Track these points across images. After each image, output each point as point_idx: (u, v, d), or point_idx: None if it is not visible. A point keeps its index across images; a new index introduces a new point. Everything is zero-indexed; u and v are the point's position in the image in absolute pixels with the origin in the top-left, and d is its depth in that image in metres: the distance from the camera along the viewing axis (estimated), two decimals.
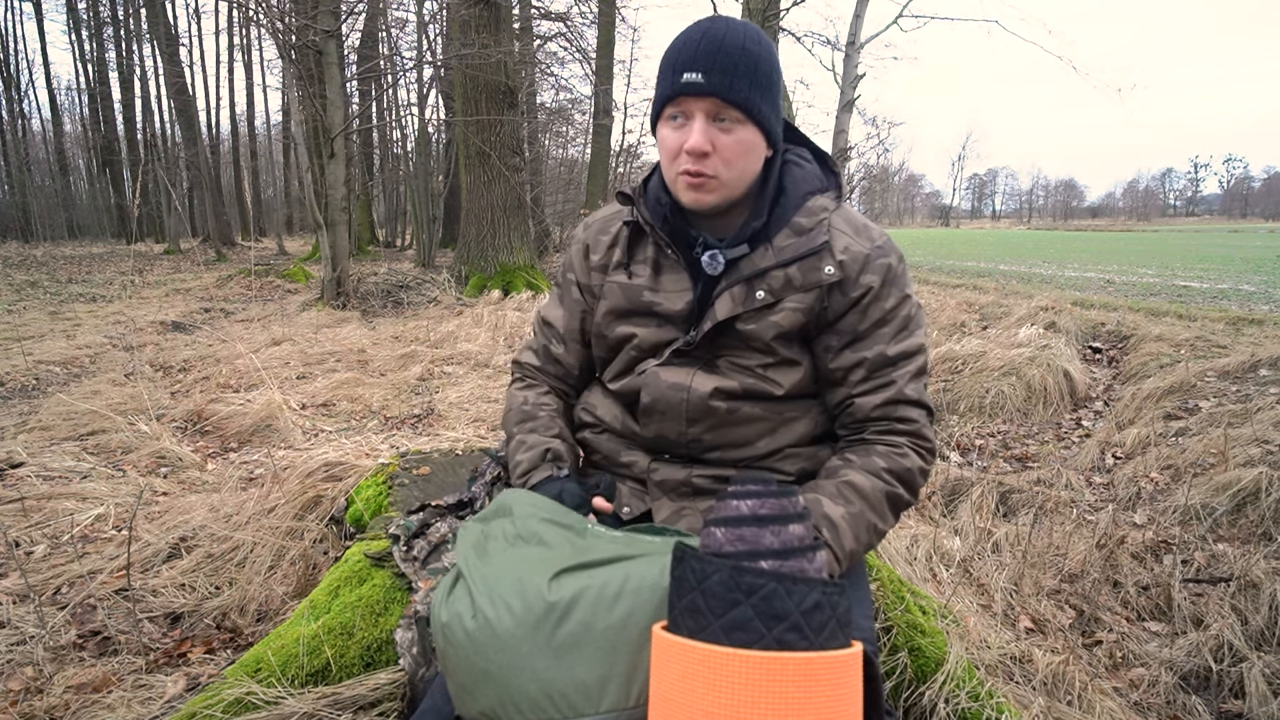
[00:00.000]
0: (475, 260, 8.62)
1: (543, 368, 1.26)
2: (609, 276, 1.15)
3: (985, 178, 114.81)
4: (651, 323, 1.11)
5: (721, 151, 0.98)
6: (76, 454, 3.00)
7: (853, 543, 0.97)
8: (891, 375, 1.05)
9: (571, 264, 1.22)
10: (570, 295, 1.22)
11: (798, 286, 1.04)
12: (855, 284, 1.04)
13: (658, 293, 1.10)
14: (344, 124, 8.14)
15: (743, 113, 0.97)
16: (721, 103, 0.96)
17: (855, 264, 1.04)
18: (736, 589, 0.64)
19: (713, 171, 0.99)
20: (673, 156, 1.01)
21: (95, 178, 25.74)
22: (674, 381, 1.08)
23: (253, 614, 1.81)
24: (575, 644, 0.74)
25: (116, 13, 21.58)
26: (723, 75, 0.95)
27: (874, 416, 1.05)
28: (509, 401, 1.26)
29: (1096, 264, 13.89)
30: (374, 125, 16.28)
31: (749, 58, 0.96)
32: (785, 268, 1.04)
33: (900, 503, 1.04)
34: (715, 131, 0.98)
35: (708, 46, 0.95)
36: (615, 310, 1.14)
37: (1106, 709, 1.55)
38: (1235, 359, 4.14)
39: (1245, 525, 2.53)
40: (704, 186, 1.00)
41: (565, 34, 12.94)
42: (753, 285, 1.04)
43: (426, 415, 3.87)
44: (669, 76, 0.98)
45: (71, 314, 7.35)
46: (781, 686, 0.60)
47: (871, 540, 1.00)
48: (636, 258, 1.14)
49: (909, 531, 2.36)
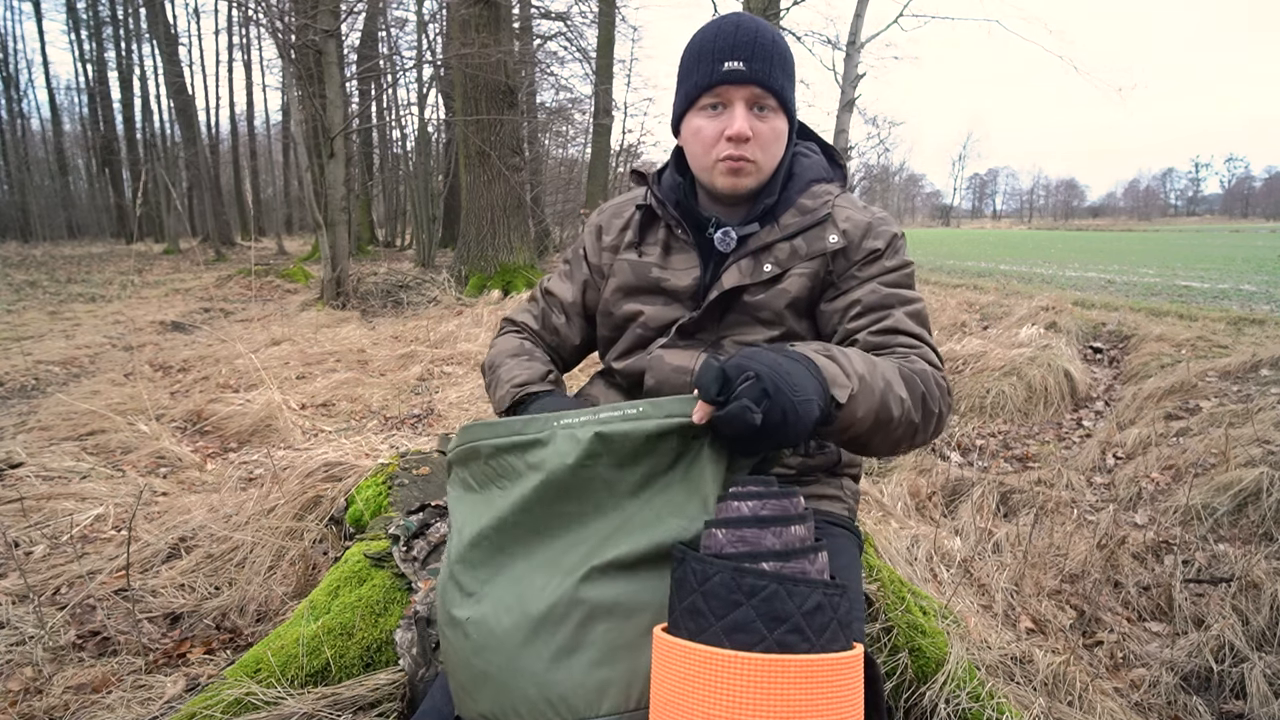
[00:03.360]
0: (475, 260, 8.62)
1: (539, 332, 1.27)
2: (619, 256, 1.18)
3: (986, 177, 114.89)
4: (659, 300, 1.13)
5: (759, 137, 1.03)
6: (76, 454, 3.00)
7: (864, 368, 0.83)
8: (889, 311, 1.03)
9: (583, 243, 1.24)
10: (579, 271, 1.24)
11: (803, 255, 1.07)
12: (858, 248, 1.07)
13: (666, 269, 1.13)
14: (344, 124, 8.14)
15: (778, 100, 1.03)
16: (761, 90, 1.01)
17: (858, 230, 1.07)
18: (738, 590, 0.63)
19: (752, 156, 1.03)
20: (711, 143, 1.04)
21: (95, 178, 25.75)
22: (678, 365, 1.08)
23: (252, 614, 1.81)
24: (574, 646, 0.73)
25: (116, 12, 21.60)
26: (762, 64, 1.00)
27: (870, 343, 1.01)
28: (499, 344, 1.25)
29: (1097, 264, 13.89)
30: (374, 125, 16.28)
31: (780, 49, 1.02)
32: (790, 239, 1.08)
33: (916, 382, 0.91)
34: (754, 119, 1.02)
35: (745, 37, 1.00)
36: (623, 287, 1.16)
37: (1107, 709, 1.55)
38: (1236, 359, 4.13)
39: (1246, 525, 2.53)
40: (743, 171, 1.04)
41: (565, 34, 12.97)
42: (760, 258, 1.08)
43: (426, 415, 3.86)
44: (708, 66, 1.02)
45: (71, 314, 7.35)
46: (783, 689, 0.59)
47: (886, 395, 0.84)
48: (648, 239, 1.17)
49: (909, 531, 2.36)
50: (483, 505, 0.84)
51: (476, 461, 0.86)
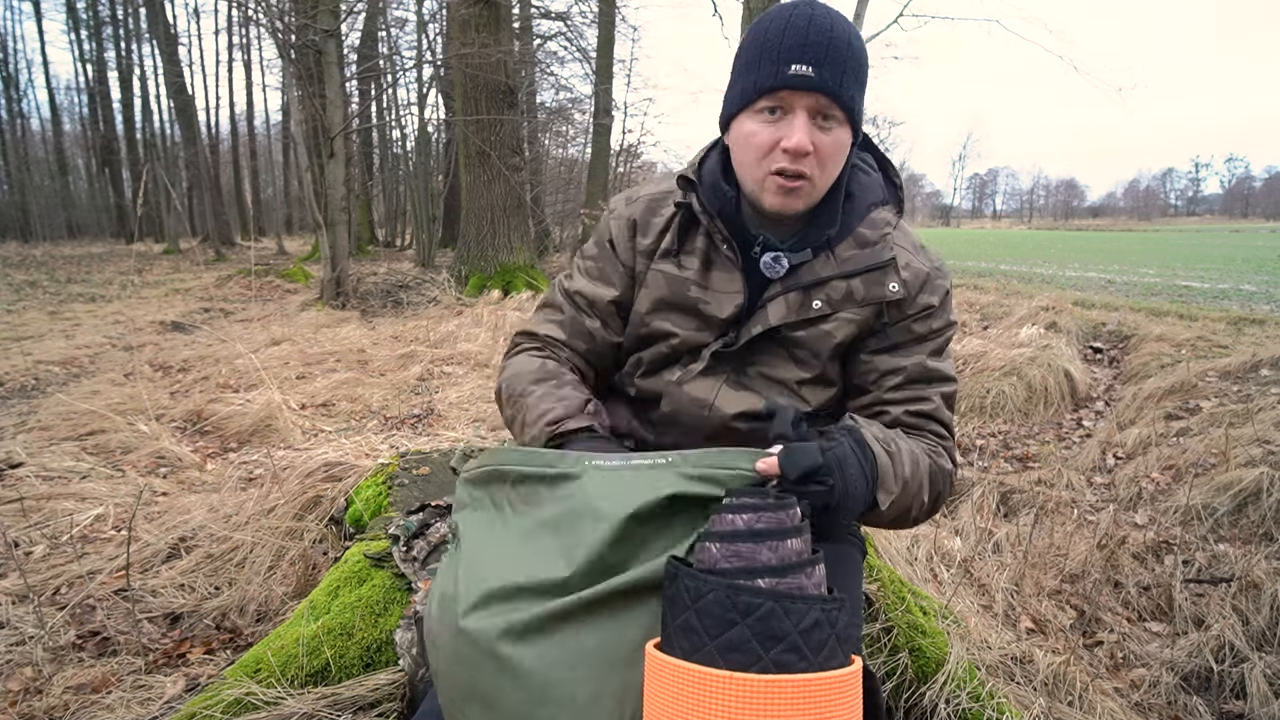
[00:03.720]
0: (475, 260, 8.61)
1: (569, 341, 1.11)
2: (655, 264, 1.06)
3: (986, 177, 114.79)
4: (692, 324, 1.04)
5: (820, 152, 0.91)
6: (76, 454, 3.00)
7: (909, 472, 0.88)
8: (928, 392, 1.00)
9: (614, 240, 1.09)
10: (612, 268, 1.09)
11: (859, 300, 0.99)
12: (913, 303, 1.00)
13: (706, 290, 1.02)
14: (344, 124, 8.14)
15: (846, 113, 0.91)
16: (829, 100, 0.89)
17: (916, 282, 1.00)
18: (733, 609, 0.61)
19: (810, 173, 0.92)
20: (764, 153, 0.92)
21: (95, 177, 25.75)
22: (696, 397, 1.03)
23: (252, 614, 1.81)
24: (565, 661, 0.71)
25: (116, 12, 21.58)
26: (834, 71, 0.88)
27: (906, 423, 1.00)
28: (516, 365, 1.08)
29: (1097, 264, 13.89)
30: (374, 125, 16.28)
31: (855, 54, 0.90)
32: (849, 279, 0.98)
33: (938, 483, 0.95)
34: (815, 130, 0.90)
35: (817, 37, 0.88)
36: (658, 301, 1.05)
37: (1107, 709, 1.55)
38: (1236, 359, 4.13)
39: (1246, 525, 2.53)
40: (798, 191, 0.93)
41: (565, 33, 12.96)
42: (810, 293, 0.99)
43: (426, 415, 3.86)
44: (771, 66, 0.89)
45: (71, 314, 7.35)
46: (780, 710, 0.58)
47: (915, 497, 0.90)
48: (685, 247, 1.04)
49: (909, 531, 2.36)
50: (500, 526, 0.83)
51: (501, 485, 0.85)
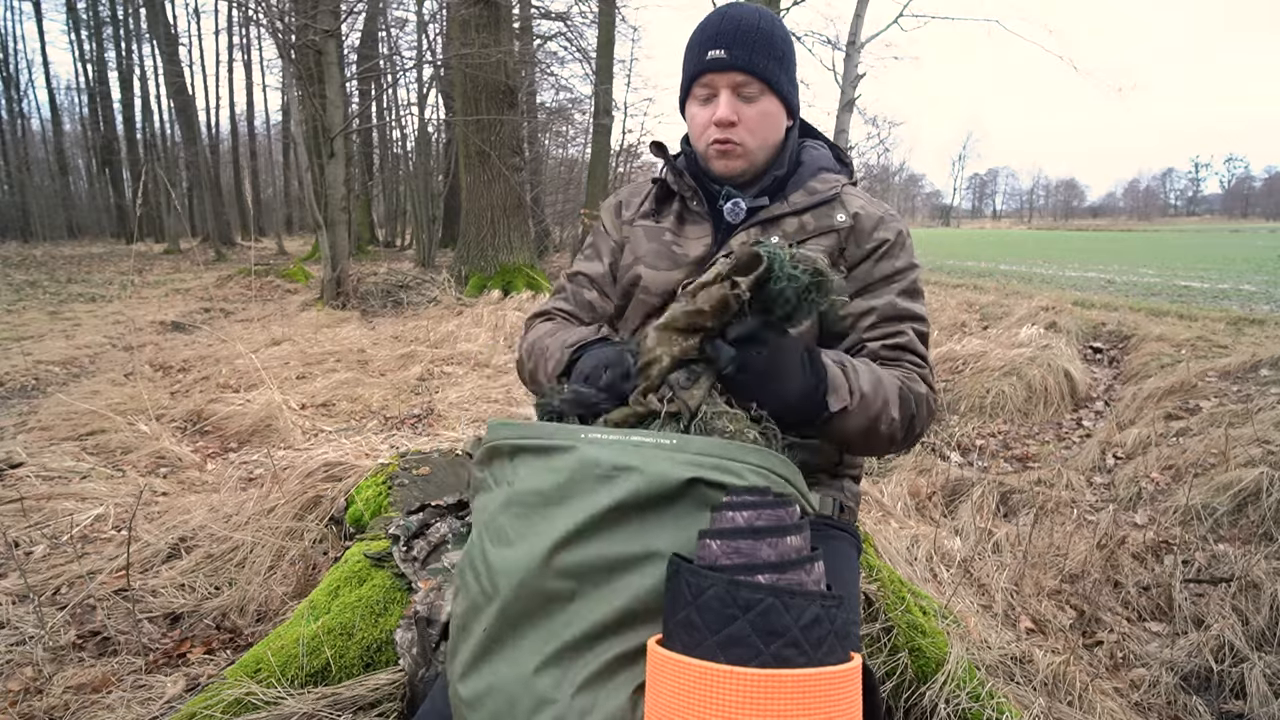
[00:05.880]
0: (475, 260, 8.61)
1: (575, 312, 1.25)
2: (636, 223, 1.23)
3: (986, 177, 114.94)
4: (666, 264, 1.15)
5: (746, 121, 1.07)
6: (76, 454, 3.00)
7: (868, 387, 0.94)
8: (902, 327, 1.08)
9: (605, 223, 1.29)
10: (604, 245, 1.27)
11: (811, 231, 1.10)
12: (869, 237, 1.10)
13: (680, 238, 1.17)
14: (344, 124, 8.14)
15: (763, 83, 1.06)
16: (744, 75, 1.05)
17: (869, 220, 1.11)
18: (733, 604, 0.62)
19: (739, 139, 1.08)
20: (702, 130, 1.10)
21: (95, 178, 25.75)
22: None
23: (252, 614, 1.81)
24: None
25: (116, 12, 21.58)
26: (743, 50, 1.04)
27: (883, 355, 1.07)
28: (532, 335, 1.18)
29: (1097, 264, 13.89)
30: (374, 125, 16.29)
31: (764, 33, 1.05)
32: (799, 215, 1.11)
33: (910, 405, 1.00)
34: (739, 104, 1.07)
35: (728, 26, 1.05)
36: (637, 251, 1.19)
37: (1107, 709, 1.55)
38: (1236, 359, 4.13)
39: (1246, 525, 2.53)
40: (731, 154, 1.09)
41: (565, 34, 12.95)
42: (767, 230, 1.11)
43: (426, 415, 3.86)
44: (695, 56, 1.07)
45: (71, 314, 7.35)
46: (779, 704, 0.59)
47: (879, 414, 0.95)
48: (663, 210, 1.21)
49: (909, 532, 2.36)
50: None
51: (501, 461, 0.84)
